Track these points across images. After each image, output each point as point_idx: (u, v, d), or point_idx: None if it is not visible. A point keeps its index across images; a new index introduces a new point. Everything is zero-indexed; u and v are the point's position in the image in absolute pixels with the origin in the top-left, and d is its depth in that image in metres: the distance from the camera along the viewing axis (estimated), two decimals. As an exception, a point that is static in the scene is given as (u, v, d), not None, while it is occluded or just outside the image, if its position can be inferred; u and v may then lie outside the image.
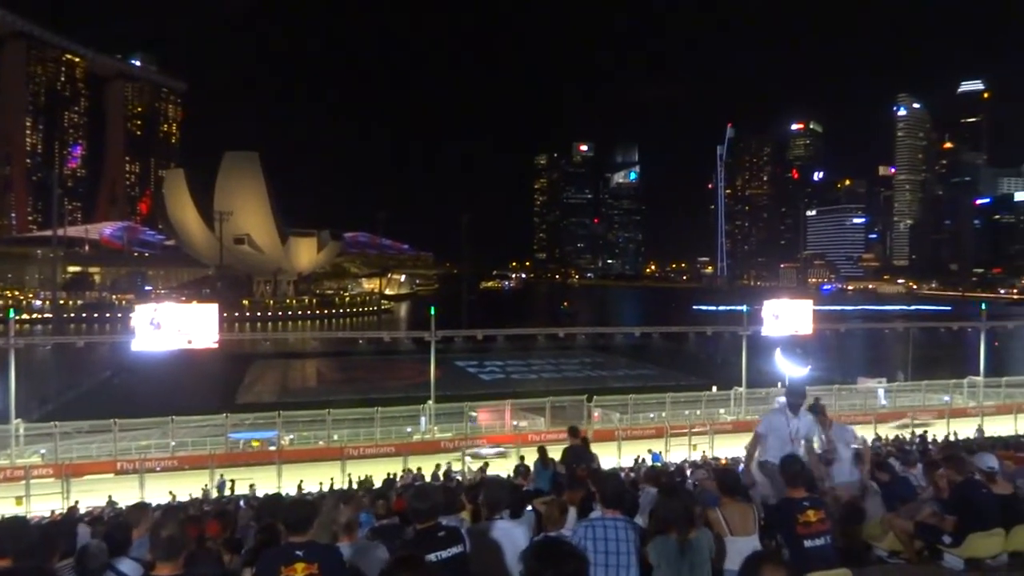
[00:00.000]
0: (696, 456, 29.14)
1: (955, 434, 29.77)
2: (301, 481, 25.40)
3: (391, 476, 25.23)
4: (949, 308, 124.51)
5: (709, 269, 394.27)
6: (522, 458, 15.90)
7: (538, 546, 3.22)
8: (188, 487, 25.48)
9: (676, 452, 31.03)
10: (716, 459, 27.64)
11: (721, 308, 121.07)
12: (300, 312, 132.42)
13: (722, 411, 38.14)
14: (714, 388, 41.40)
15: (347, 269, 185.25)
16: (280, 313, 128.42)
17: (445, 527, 4.27)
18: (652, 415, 36.62)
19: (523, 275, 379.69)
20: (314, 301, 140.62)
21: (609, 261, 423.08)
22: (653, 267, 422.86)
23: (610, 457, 29.10)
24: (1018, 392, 40.31)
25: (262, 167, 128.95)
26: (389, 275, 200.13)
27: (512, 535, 4.82)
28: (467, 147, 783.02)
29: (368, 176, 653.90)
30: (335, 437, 33.06)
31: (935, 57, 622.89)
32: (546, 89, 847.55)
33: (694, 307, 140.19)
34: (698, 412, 36.82)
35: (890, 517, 6.99)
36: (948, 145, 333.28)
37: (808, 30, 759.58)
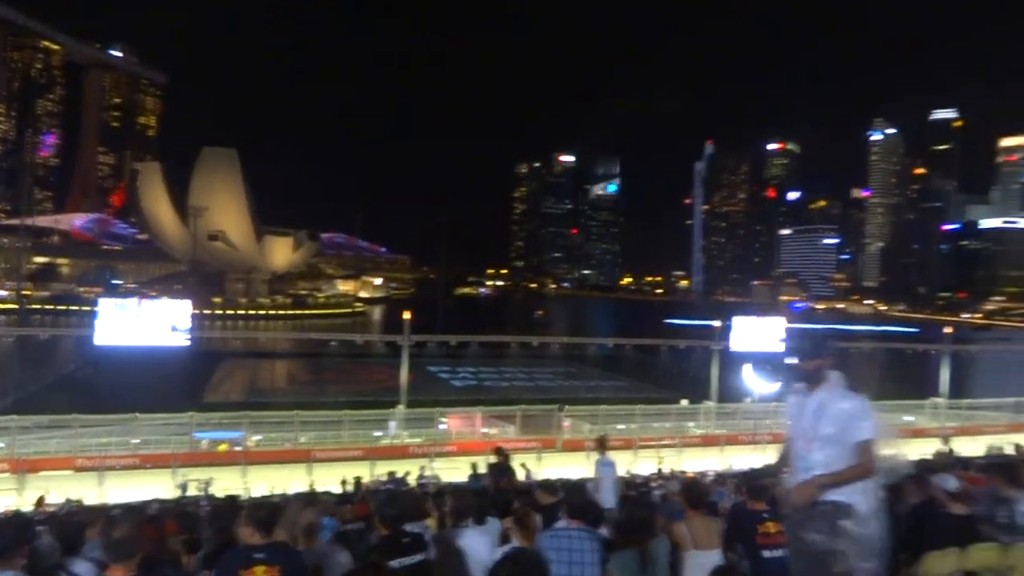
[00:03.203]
0: (664, 469, 29.30)
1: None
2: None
3: (355, 480, 24.95)
4: (918, 330, 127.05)
5: (684, 283, 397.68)
6: (474, 466, 16.11)
7: (508, 558, 3.23)
8: (150, 486, 24.99)
9: (644, 464, 31.18)
10: (683, 472, 27.82)
11: (694, 322, 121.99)
12: (272, 312, 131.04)
13: (691, 424, 38.43)
14: (684, 402, 41.74)
15: (322, 270, 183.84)
16: (252, 312, 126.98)
17: (410, 534, 4.25)
18: (622, 426, 36.76)
19: (499, 282, 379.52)
20: (287, 301, 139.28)
21: (585, 272, 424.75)
22: (629, 279, 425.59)
23: (579, 467, 29.15)
24: (979, 414, 41.21)
25: (240, 164, 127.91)
26: (365, 277, 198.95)
27: (476, 544, 4.81)
28: (449, 153, 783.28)
29: (348, 177, 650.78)
30: (302, 439, 32.69)
31: (910, 85, 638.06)
32: (529, 99, 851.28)
33: (667, 320, 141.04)
34: (668, 425, 37.06)
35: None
36: (920, 171, 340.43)
37: (789, 52, 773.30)
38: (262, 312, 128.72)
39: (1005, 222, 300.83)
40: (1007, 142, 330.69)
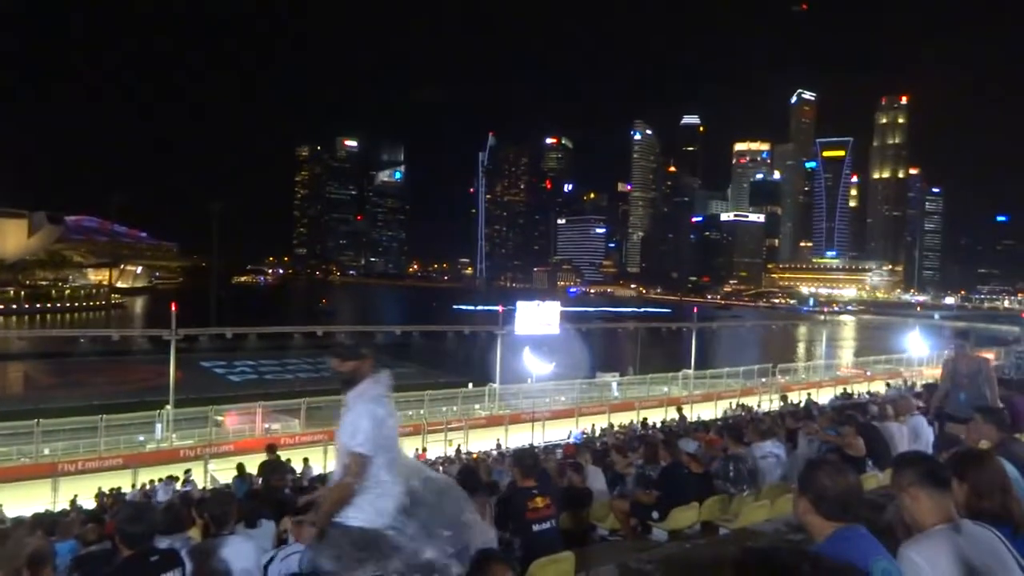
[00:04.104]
0: (451, 451, 30.03)
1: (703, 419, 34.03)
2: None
3: (110, 492, 22.24)
4: (670, 311, 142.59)
5: (469, 270, 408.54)
6: (240, 467, 15.20)
7: None
8: None
9: (433, 448, 31.69)
10: (469, 453, 28.73)
11: (479, 308, 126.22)
12: (2, 306, 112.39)
13: (477, 407, 39.68)
14: (470, 385, 42.97)
15: (68, 258, 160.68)
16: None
17: (160, 551, 3.85)
18: (411, 412, 36.89)
19: (281, 271, 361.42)
20: (22, 293, 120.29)
21: (372, 259, 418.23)
22: (416, 266, 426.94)
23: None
24: (719, 382, 47.47)
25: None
26: (122, 266, 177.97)
27: (241, 551, 4.51)
28: (222, 132, 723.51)
29: (103, 154, 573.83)
30: (46, 451, 28.46)
31: (664, 90, 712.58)
32: (312, 81, 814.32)
33: (454, 307, 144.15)
34: (455, 408, 37.90)
35: (611, 499, 7.80)
36: (672, 169, 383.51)
37: (568, 52, 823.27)
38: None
39: (736, 215, 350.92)
40: (739, 147, 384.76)
